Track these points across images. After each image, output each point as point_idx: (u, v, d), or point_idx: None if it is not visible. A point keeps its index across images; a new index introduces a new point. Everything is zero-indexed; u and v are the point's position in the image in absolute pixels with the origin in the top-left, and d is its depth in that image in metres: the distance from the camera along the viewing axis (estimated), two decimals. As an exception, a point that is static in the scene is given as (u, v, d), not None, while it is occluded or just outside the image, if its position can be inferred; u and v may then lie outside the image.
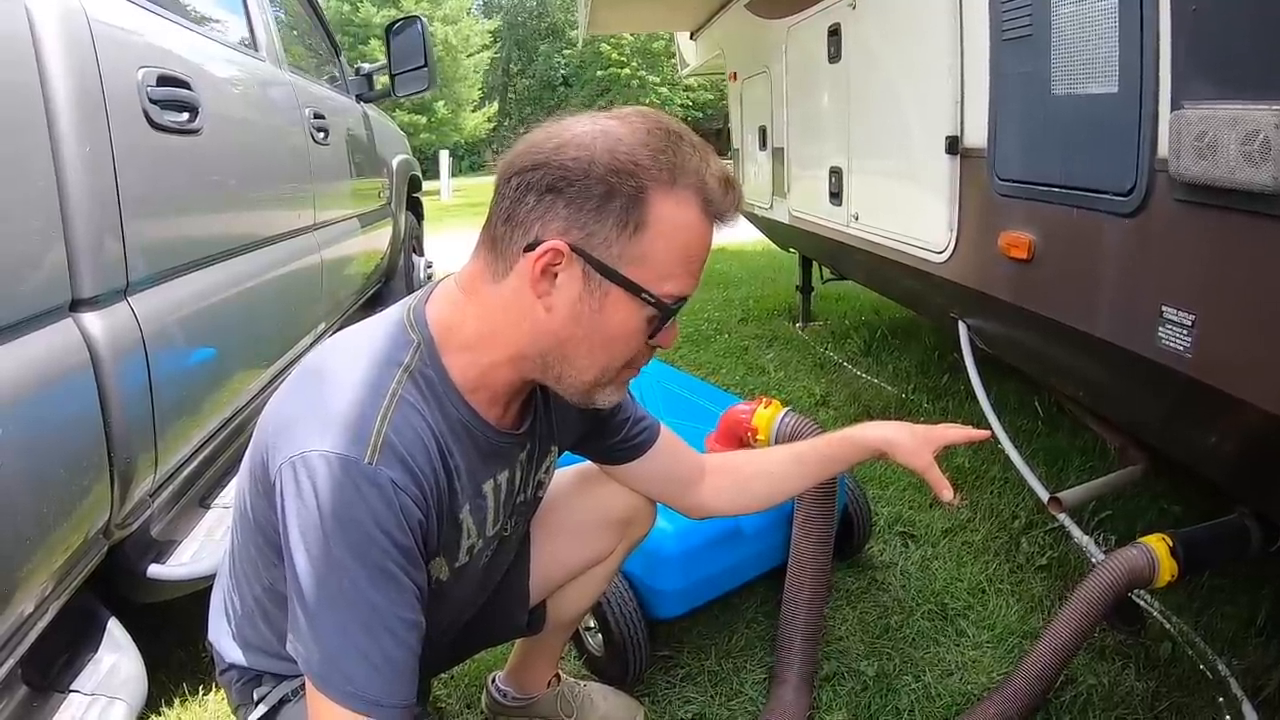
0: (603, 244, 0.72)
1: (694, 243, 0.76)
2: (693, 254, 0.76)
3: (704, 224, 0.76)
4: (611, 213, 0.72)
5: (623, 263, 0.73)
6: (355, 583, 0.68)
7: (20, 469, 0.89)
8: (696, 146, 0.76)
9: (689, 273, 0.77)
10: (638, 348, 0.79)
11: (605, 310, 0.75)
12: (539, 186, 0.72)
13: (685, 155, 0.74)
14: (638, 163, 0.71)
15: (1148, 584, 1.25)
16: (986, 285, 1.65)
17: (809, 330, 3.91)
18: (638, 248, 0.73)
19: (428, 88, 2.93)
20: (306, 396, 0.75)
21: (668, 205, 0.73)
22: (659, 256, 0.74)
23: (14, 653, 0.95)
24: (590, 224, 0.72)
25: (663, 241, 0.73)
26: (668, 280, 0.75)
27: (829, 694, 1.37)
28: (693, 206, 0.74)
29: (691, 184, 0.74)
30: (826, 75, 2.55)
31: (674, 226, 0.73)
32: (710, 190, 0.75)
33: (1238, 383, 1.00)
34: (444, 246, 5.58)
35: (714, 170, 0.75)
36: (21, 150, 0.95)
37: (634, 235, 0.72)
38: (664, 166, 0.73)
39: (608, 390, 0.82)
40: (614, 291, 0.74)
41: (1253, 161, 0.88)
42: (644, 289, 0.74)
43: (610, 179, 0.71)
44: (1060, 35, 1.29)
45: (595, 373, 0.79)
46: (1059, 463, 2.14)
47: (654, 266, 0.74)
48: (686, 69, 5.31)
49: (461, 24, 24.35)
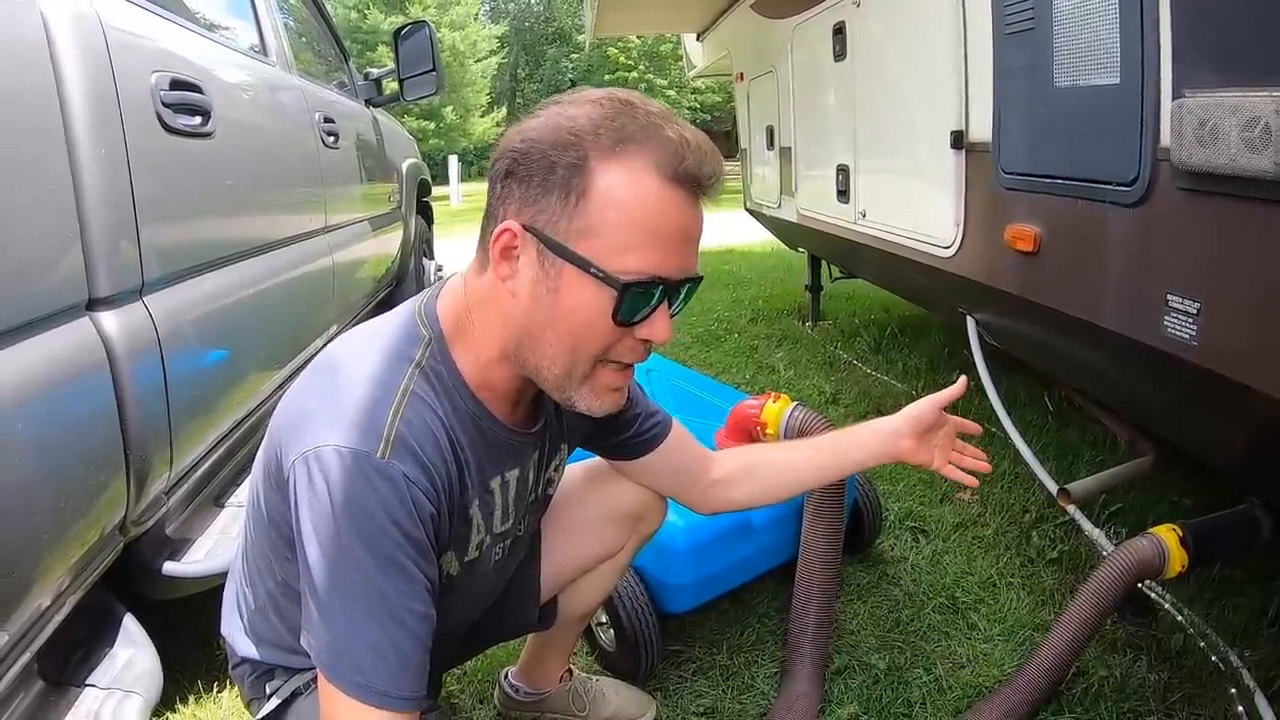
0: (550, 219, 0.71)
1: (653, 210, 0.70)
2: (654, 223, 0.70)
3: (666, 190, 0.70)
4: (554, 186, 0.70)
5: (571, 237, 0.70)
6: (366, 575, 0.69)
7: (38, 465, 0.91)
8: (652, 113, 0.71)
9: (654, 246, 0.70)
10: (606, 334, 0.73)
11: (561, 290, 0.72)
12: (500, 174, 0.74)
13: (636, 121, 0.70)
14: (578, 133, 0.70)
15: (1158, 575, 1.24)
16: (993, 279, 1.65)
17: (818, 329, 3.91)
18: (584, 220, 0.70)
19: (436, 92, 2.96)
20: (320, 392, 0.76)
21: (614, 172, 0.69)
22: (611, 228, 0.69)
23: (31, 647, 0.96)
24: (538, 200, 0.71)
25: (613, 212, 0.69)
26: (624, 254, 0.70)
27: (840, 687, 1.38)
28: (646, 172, 0.70)
29: (641, 148, 0.70)
30: (832, 73, 2.56)
31: (624, 194, 0.69)
32: (667, 153, 0.70)
33: (1244, 369, 0.99)
34: (454, 250, 5.61)
35: (671, 135, 0.70)
36: (39, 153, 0.97)
37: (578, 206, 0.70)
38: (605, 132, 0.69)
39: (584, 390, 0.77)
40: (567, 269, 0.71)
41: (1254, 148, 0.88)
42: (593, 264, 0.70)
43: (551, 153, 0.70)
44: (1062, 28, 1.29)
45: (563, 363, 0.75)
46: (1069, 457, 2.13)
47: (605, 239, 0.70)
48: (694, 70, 5.32)
49: (469, 29, 24.51)
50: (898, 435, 1.05)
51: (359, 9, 21.85)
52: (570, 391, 0.77)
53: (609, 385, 0.78)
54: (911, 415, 1.05)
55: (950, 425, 1.07)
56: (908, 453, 1.05)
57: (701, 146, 0.72)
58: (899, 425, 1.05)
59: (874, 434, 1.07)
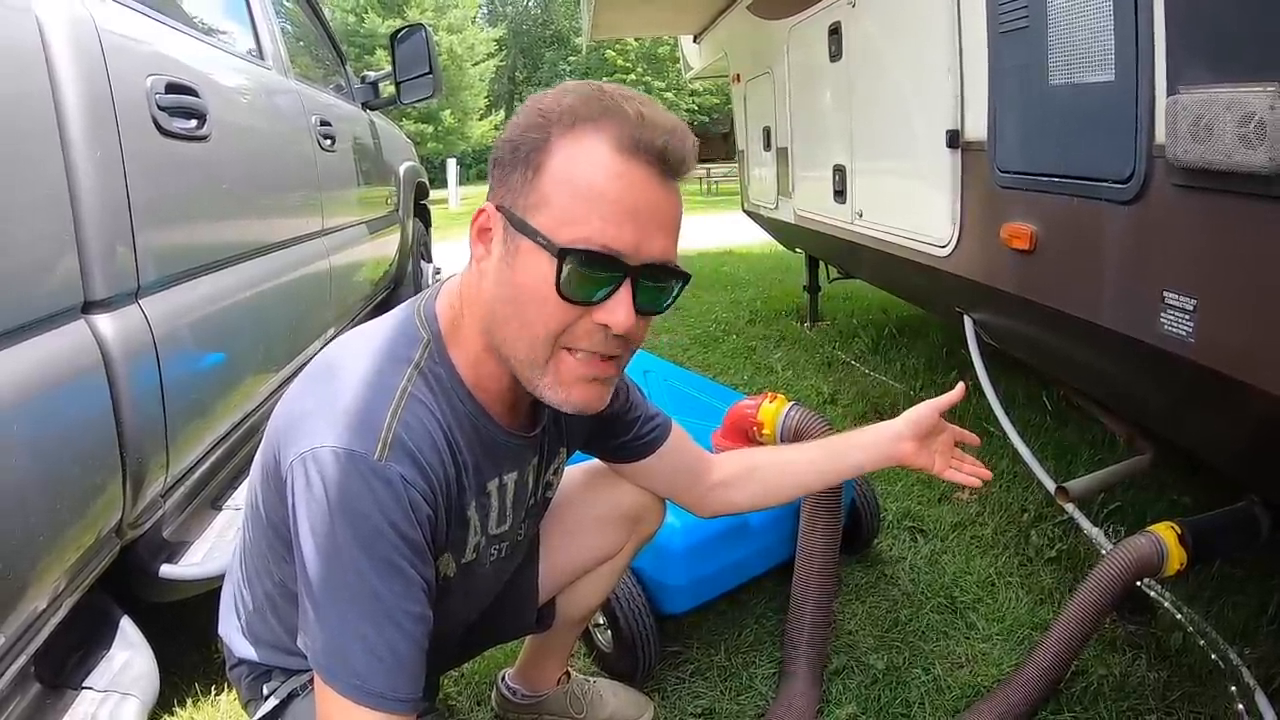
0: (512, 195, 0.72)
1: (599, 181, 0.69)
2: (603, 194, 0.69)
3: (620, 162, 0.69)
4: (518, 163, 0.72)
5: (528, 211, 0.71)
6: (363, 576, 0.69)
7: (34, 467, 0.91)
8: (619, 95, 0.72)
9: (603, 217, 0.69)
10: (556, 312, 0.71)
11: (517, 265, 0.72)
12: (489, 167, 0.77)
13: (598, 101, 0.71)
14: (544, 113, 0.72)
15: (1157, 572, 1.24)
16: (990, 278, 1.65)
17: (816, 330, 3.91)
18: (537, 193, 0.71)
19: (433, 94, 2.96)
20: (318, 393, 0.76)
21: (567, 146, 0.70)
22: (560, 199, 0.70)
23: (27, 649, 0.96)
24: (506, 180, 0.73)
25: (563, 183, 0.70)
26: (572, 225, 0.69)
27: (838, 687, 1.37)
28: (601, 145, 0.69)
29: (598, 123, 0.70)
30: (828, 74, 2.56)
31: (576, 166, 0.69)
32: (623, 127, 0.69)
33: (1241, 366, 0.99)
34: (453, 254, 5.61)
35: (629, 109, 0.70)
36: (34, 156, 0.97)
37: (533, 180, 0.71)
38: (566, 111, 0.71)
39: (548, 379, 0.75)
40: (523, 244, 0.71)
41: (1249, 144, 0.88)
42: (540, 233, 0.70)
43: (523, 132, 0.72)
44: (1056, 26, 1.29)
45: (524, 346, 0.74)
46: (1067, 457, 2.13)
47: (555, 211, 0.70)
48: (691, 72, 5.33)
49: (466, 32, 24.53)
50: (899, 438, 1.05)
51: (356, 12, 21.88)
52: (536, 380, 0.75)
53: (575, 375, 0.75)
54: (912, 419, 1.05)
55: (949, 433, 1.08)
56: (908, 456, 1.05)
57: (660, 122, 0.71)
58: (900, 429, 1.05)
59: (875, 437, 1.07)
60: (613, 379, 0.78)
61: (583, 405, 0.77)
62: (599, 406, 0.78)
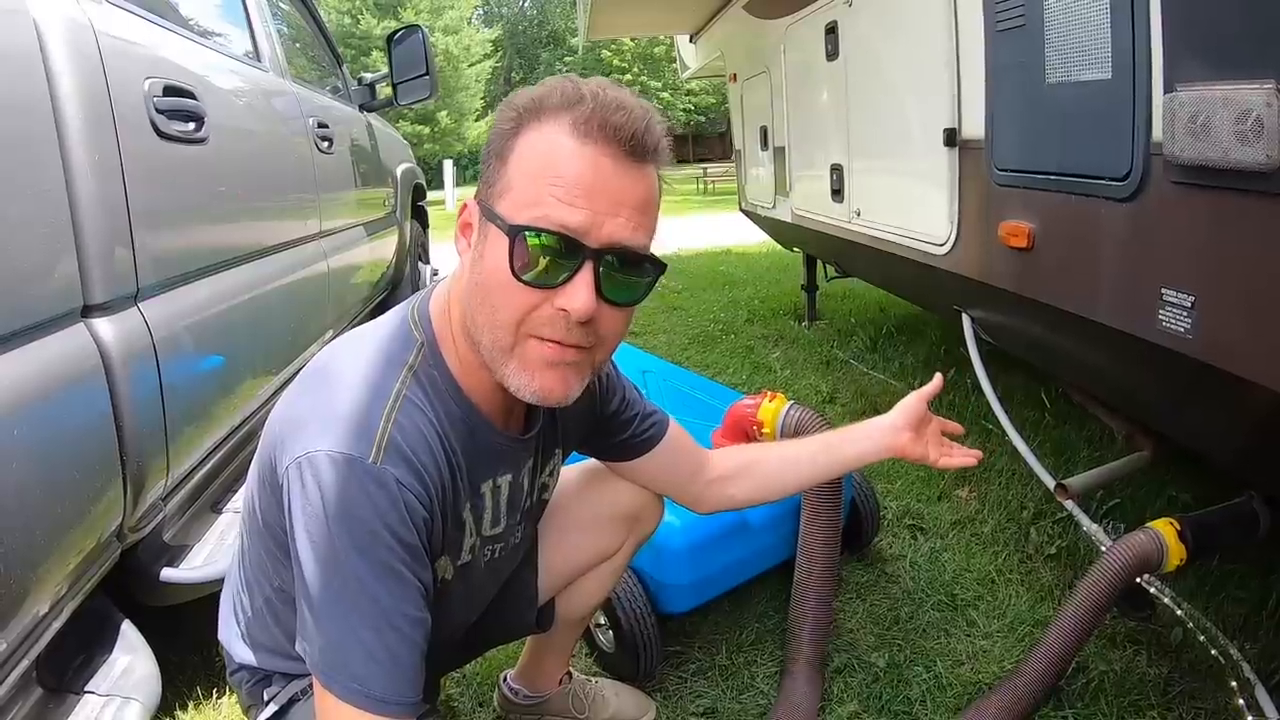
0: (486, 187, 0.74)
1: (556, 162, 0.69)
2: (557, 174, 0.69)
3: (576, 144, 0.69)
4: (491, 156, 0.74)
5: (494, 199, 0.73)
6: (360, 580, 0.69)
7: (34, 471, 0.90)
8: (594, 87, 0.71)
9: (555, 195, 0.68)
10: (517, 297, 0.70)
11: (485, 251, 0.73)
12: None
13: (559, 89, 0.72)
14: (516, 107, 0.73)
15: (1156, 568, 1.25)
16: (988, 275, 1.65)
17: (814, 328, 3.92)
18: (503, 179, 0.72)
19: (429, 96, 2.96)
20: (313, 397, 0.76)
21: (531, 133, 0.71)
22: (519, 182, 0.71)
23: (29, 654, 0.96)
24: (485, 173, 0.75)
25: (523, 167, 0.71)
26: (529, 206, 0.69)
27: (840, 686, 1.38)
28: (558, 129, 0.70)
29: (558, 110, 0.70)
30: (825, 73, 2.56)
31: (534, 150, 0.71)
32: (580, 109, 0.69)
33: (1240, 362, 1.00)
34: (450, 255, 5.61)
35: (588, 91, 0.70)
36: (32, 159, 0.97)
37: (499, 169, 0.73)
38: (534, 100, 0.72)
39: (513, 364, 0.73)
40: (491, 230, 0.72)
41: (1246, 141, 0.88)
42: (499, 216, 0.71)
43: (495, 130, 0.74)
44: (1053, 24, 1.30)
45: (490, 334, 0.73)
46: (1066, 453, 2.13)
47: (515, 194, 0.71)
48: (687, 72, 5.33)
49: (462, 33, 24.48)
50: (895, 429, 1.06)
51: (352, 14, 21.84)
52: (502, 368, 0.74)
53: (539, 359, 0.73)
54: (904, 410, 1.06)
55: (936, 423, 1.08)
56: (906, 446, 1.05)
57: (622, 102, 0.70)
58: (895, 420, 1.06)
59: (871, 430, 1.08)
60: (583, 369, 0.76)
61: (546, 393, 0.74)
62: (564, 395, 0.75)
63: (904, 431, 1.05)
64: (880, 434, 1.06)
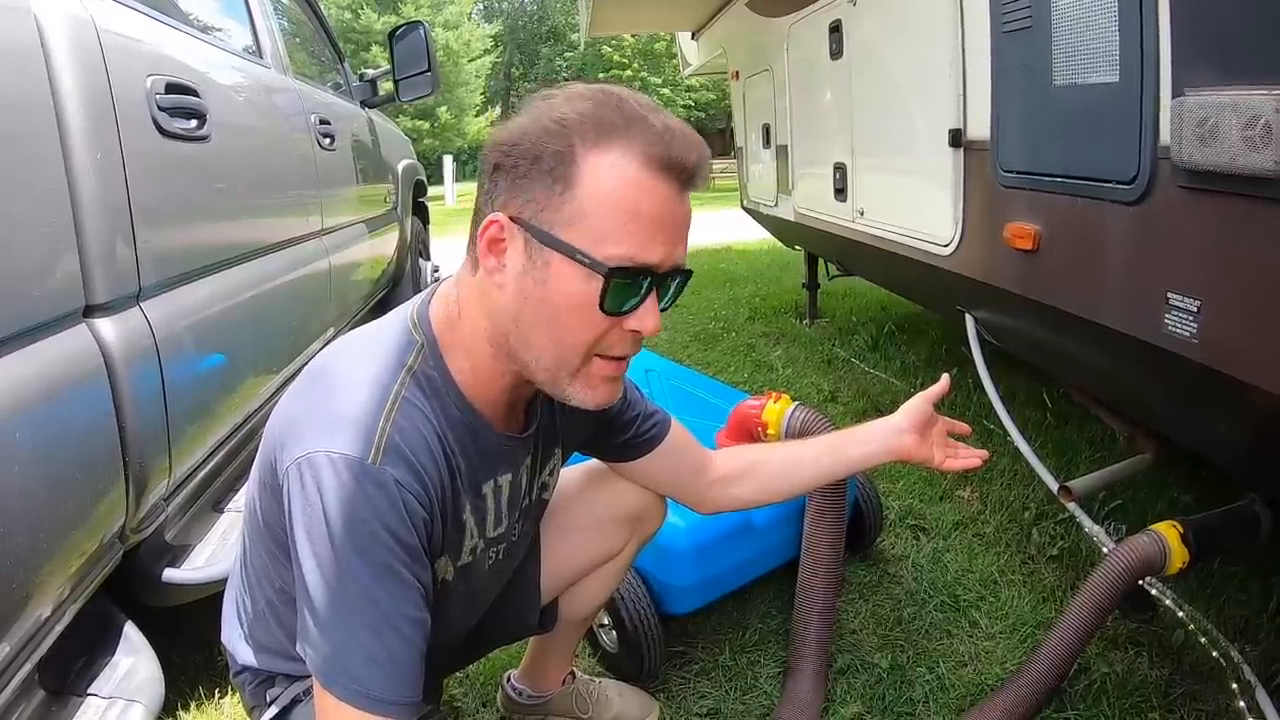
0: (536, 208, 0.71)
1: (634, 199, 0.70)
2: (640, 212, 0.70)
3: (649, 177, 0.70)
4: (540, 175, 0.70)
5: (557, 226, 0.70)
6: (360, 581, 0.69)
7: (36, 473, 0.90)
8: (639, 103, 0.72)
9: (637, 234, 0.70)
10: (594, 324, 0.73)
11: (549, 280, 0.72)
12: (486, 168, 0.74)
13: (621, 111, 0.71)
14: (564, 122, 0.70)
15: (1159, 571, 1.25)
16: (992, 277, 1.65)
17: (816, 327, 3.91)
18: (571, 207, 0.70)
19: (431, 92, 2.95)
20: (312, 399, 0.76)
21: (600, 161, 0.70)
22: (595, 216, 0.70)
23: (32, 656, 0.96)
24: (524, 191, 0.71)
25: (598, 199, 0.70)
26: (609, 242, 0.70)
27: (843, 686, 1.38)
28: (630, 159, 0.70)
29: (625, 136, 0.70)
30: (828, 72, 2.55)
31: (608, 182, 0.70)
32: (651, 141, 0.70)
33: (1245, 367, 0.99)
34: (451, 251, 5.60)
35: (655, 125, 0.71)
36: (34, 158, 0.96)
37: (564, 195, 0.70)
38: (589, 121, 0.70)
39: (578, 383, 0.76)
40: (554, 258, 0.71)
41: (1254, 146, 0.88)
42: (579, 251, 0.70)
43: (540, 141, 0.70)
44: (1060, 26, 1.29)
45: (552, 354, 0.75)
46: (1068, 454, 2.13)
47: (591, 227, 0.70)
48: (689, 69, 5.31)
49: (462, 29, 24.44)
50: (899, 431, 1.05)
51: (352, 9, 21.77)
52: (563, 385, 0.77)
53: (603, 375, 0.77)
54: (909, 411, 1.06)
55: (941, 424, 1.08)
56: (910, 448, 1.05)
57: (686, 135, 0.72)
58: (899, 422, 1.06)
59: (876, 432, 1.07)
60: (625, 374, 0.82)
61: (606, 401, 0.79)
62: (616, 400, 0.81)
63: (908, 434, 1.05)
64: (884, 436, 1.06)
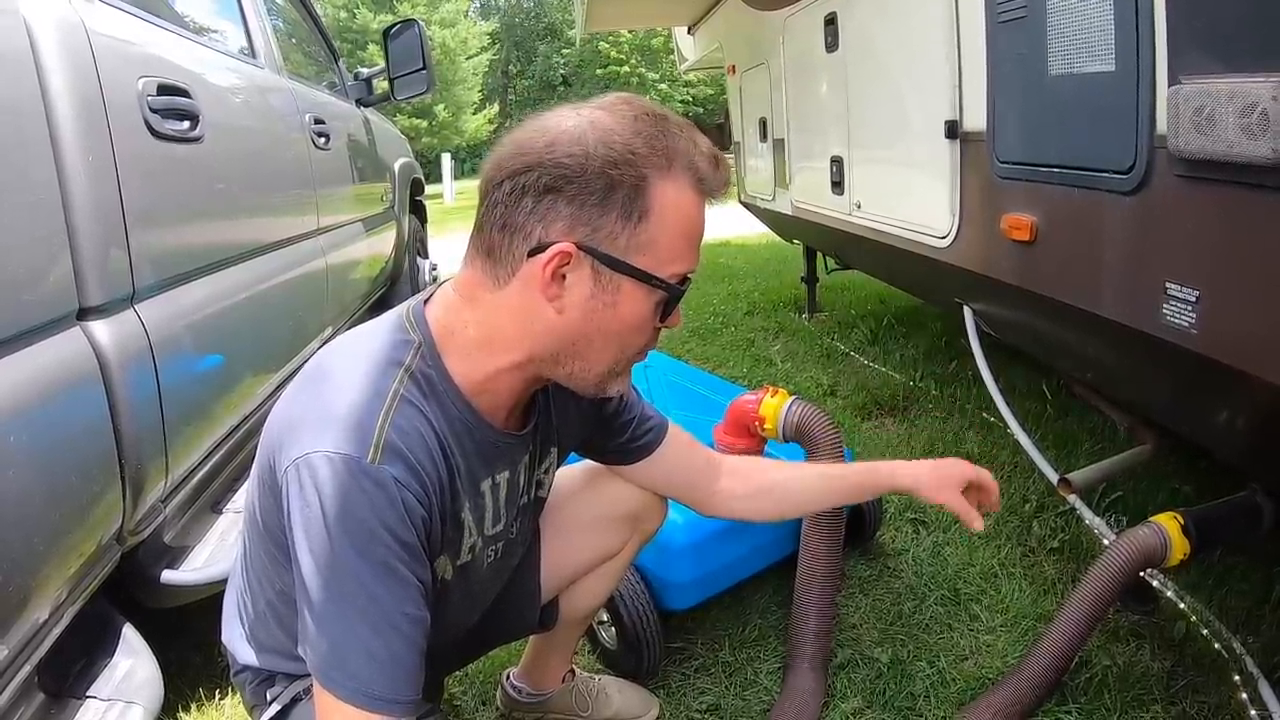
0: (609, 238, 0.73)
1: (694, 221, 0.77)
2: (694, 232, 0.78)
3: (699, 201, 0.77)
4: (615, 205, 0.72)
5: (630, 253, 0.74)
6: (359, 580, 0.69)
7: (32, 476, 0.90)
8: (682, 127, 0.77)
9: (691, 251, 0.78)
10: (651, 333, 0.80)
11: (619, 304, 0.75)
12: (535, 188, 0.72)
13: (674, 137, 0.75)
14: (635, 152, 0.72)
15: (1160, 563, 1.24)
16: (990, 268, 1.64)
17: (815, 321, 3.91)
18: (644, 235, 0.74)
19: (427, 90, 2.94)
20: (310, 399, 0.76)
21: (668, 190, 0.74)
22: (664, 241, 0.75)
23: (30, 659, 0.96)
24: (594, 220, 0.72)
25: (667, 226, 0.74)
26: (674, 262, 0.76)
27: (843, 681, 1.38)
28: (686, 187, 0.76)
29: (685, 165, 0.75)
30: (824, 65, 2.54)
31: (675, 210, 0.75)
32: (702, 169, 0.76)
33: (1244, 357, 0.99)
34: (449, 249, 5.59)
35: (702, 149, 0.77)
36: (25, 161, 0.96)
37: (639, 224, 0.73)
38: (659, 152, 0.73)
39: (619, 380, 0.83)
40: (625, 284, 0.75)
41: (1251, 134, 0.87)
42: (654, 275, 0.75)
43: (610, 171, 0.71)
44: (1055, 15, 1.28)
45: (608, 364, 0.80)
46: (1068, 446, 2.13)
47: (660, 251, 0.75)
48: (685, 64, 5.30)
49: (459, 27, 24.40)
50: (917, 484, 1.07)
51: (348, 8, 21.75)
52: (607, 385, 0.83)
53: (629, 370, 0.85)
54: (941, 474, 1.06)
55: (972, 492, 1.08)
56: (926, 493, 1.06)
57: (720, 161, 0.79)
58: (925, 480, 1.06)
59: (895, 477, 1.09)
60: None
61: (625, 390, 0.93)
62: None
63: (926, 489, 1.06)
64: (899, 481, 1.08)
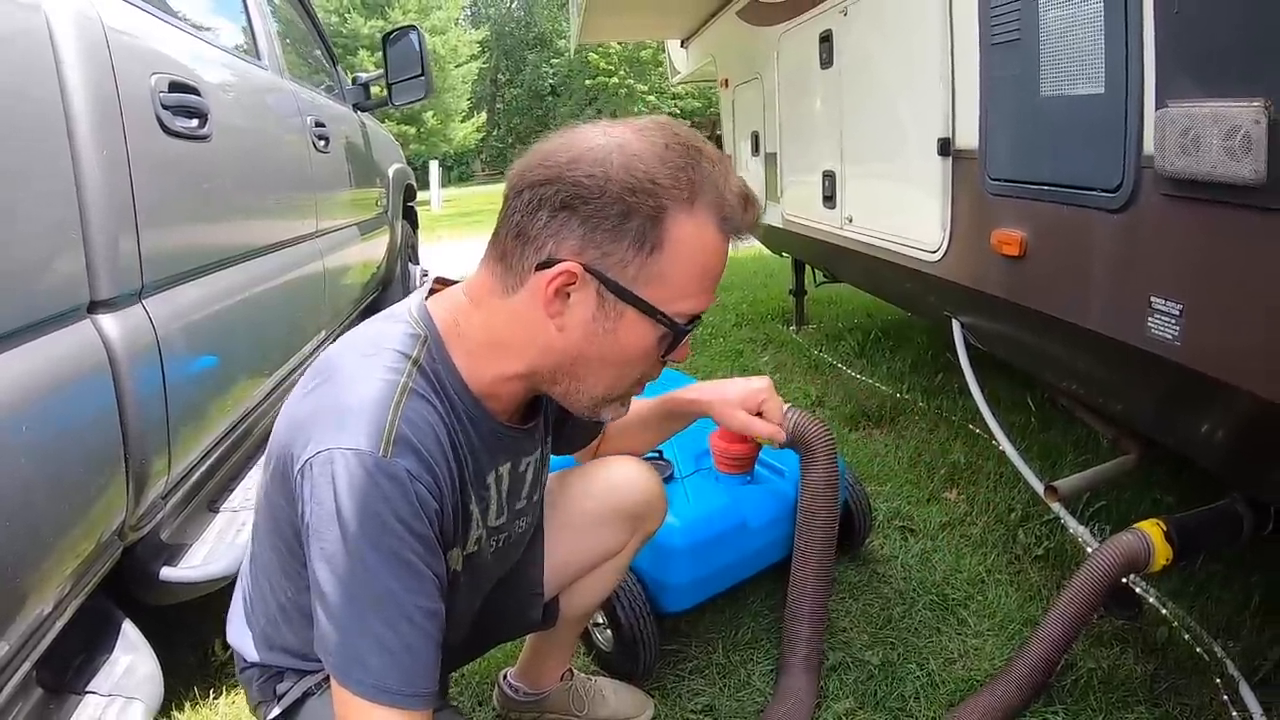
0: (618, 264, 0.71)
1: (712, 261, 0.75)
2: (710, 272, 0.75)
3: (721, 241, 0.74)
4: (628, 233, 0.70)
5: (638, 283, 0.72)
6: (374, 573, 0.69)
7: (39, 469, 0.90)
8: (715, 161, 0.74)
9: (705, 290, 0.76)
10: (652, 365, 0.79)
11: (619, 331, 0.74)
12: (552, 203, 0.71)
13: (704, 172, 0.72)
14: (656, 181, 0.70)
15: (1144, 568, 1.28)
16: (979, 283, 1.68)
17: (803, 333, 3.95)
18: (655, 267, 0.72)
19: (425, 96, 2.96)
20: (319, 396, 0.76)
21: (687, 226, 0.72)
22: (676, 277, 0.73)
23: (31, 655, 0.95)
24: (606, 244, 0.71)
25: (681, 262, 0.72)
26: (684, 299, 0.74)
27: (835, 683, 1.40)
28: (711, 225, 0.73)
29: (710, 202, 0.73)
30: (818, 81, 2.59)
31: (692, 246, 0.72)
32: (729, 208, 0.74)
33: (1226, 368, 1.03)
34: (437, 256, 5.59)
35: (733, 186, 0.74)
36: (41, 154, 0.96)
37: (650, 255, 0.71)
38: (683, 185, 0.71)
39: (615, 406, 0.83)
40: (629, 312, 0.73)
41: (1235, 156, 0.92)
42: (659, 310, 0.73)
43: (628, 198, 0.70)
44: (1048, 38, 1.33)
45: (604, 389, 0.80)
46: (1053, 457, 2.17)
47: (671, 287, 0.73)
48: (677, 77, 5.35)
49: (449, 34, 24.43)
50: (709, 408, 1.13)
51: (339, 13, 21.69)
52: (602, 409, 0.83)
53: (630, 398, 0.84)
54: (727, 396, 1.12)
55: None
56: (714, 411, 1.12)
57: (751, 201, 0.76)
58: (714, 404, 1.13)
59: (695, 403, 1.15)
60: None
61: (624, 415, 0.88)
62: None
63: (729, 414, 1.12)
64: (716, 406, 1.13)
